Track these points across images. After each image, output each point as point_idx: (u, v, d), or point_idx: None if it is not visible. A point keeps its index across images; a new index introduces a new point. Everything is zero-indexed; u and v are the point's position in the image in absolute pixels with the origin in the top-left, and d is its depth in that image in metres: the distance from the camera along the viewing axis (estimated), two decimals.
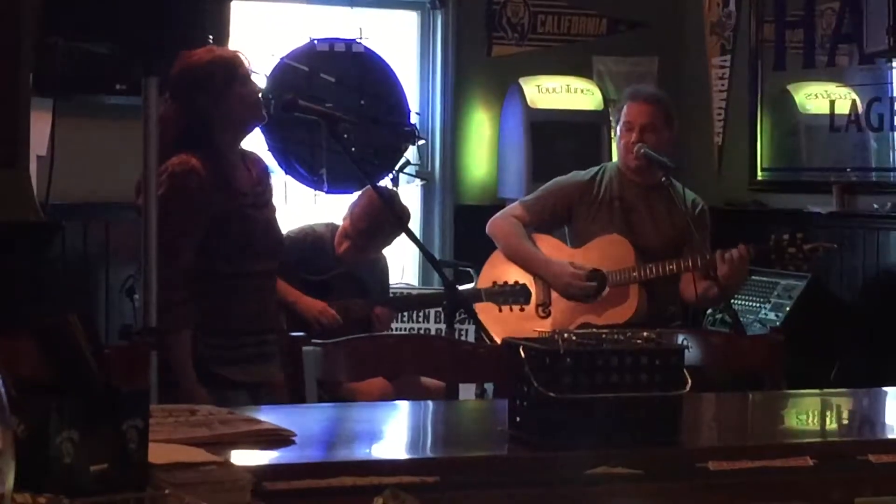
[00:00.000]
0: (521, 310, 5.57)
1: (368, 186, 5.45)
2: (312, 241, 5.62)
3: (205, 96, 4.28)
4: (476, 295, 5.49)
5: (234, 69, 4.35)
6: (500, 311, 5.51)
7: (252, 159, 4.54)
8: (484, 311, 5.33)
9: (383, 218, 5.37)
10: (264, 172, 4.56)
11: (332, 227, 5.71)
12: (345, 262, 5.66)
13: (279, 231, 4.60)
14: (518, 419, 2.59)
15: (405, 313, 5.95)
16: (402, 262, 7.35)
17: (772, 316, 6.64)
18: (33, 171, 4.90)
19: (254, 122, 4.47)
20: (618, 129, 5.67)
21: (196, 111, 4.24)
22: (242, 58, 4.42)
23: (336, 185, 6.68)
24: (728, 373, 4.39)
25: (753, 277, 6.75)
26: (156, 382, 3.83)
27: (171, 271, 4.13)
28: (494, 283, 5.61)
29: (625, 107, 5.67)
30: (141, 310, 4.10)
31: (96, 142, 6.33)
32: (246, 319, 4.34)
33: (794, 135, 7.43)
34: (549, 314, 5.65)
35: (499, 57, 7.80)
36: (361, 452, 2.77)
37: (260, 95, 4.49)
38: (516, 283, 5.59)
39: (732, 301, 5.99)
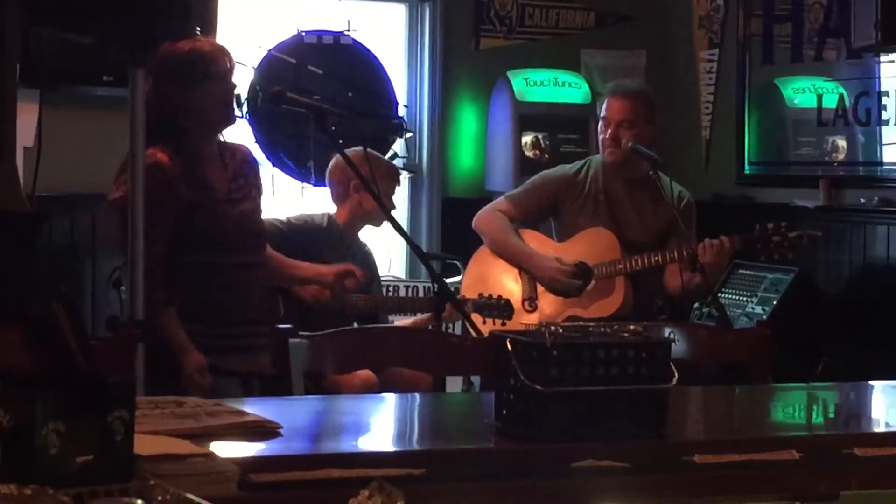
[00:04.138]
0: (503, 324, 5.55)
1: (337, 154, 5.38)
2: (311, 230, 5.62)
3: (176, 88, 4.28)
4: (464, 305, 5.47)
5: (209, 64, 4.34)
6: (485, 322, 5.48)
7: (234, 152, 4.52)
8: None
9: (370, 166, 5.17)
10: (247, 165, 4.54)
11: (329, 217, 5.71)
12: (347, 240, 5.65)
13: (258, 225, 4.57)
14: (505, 412, 2.59)
15: (398, 313, 5.94)
16: (389, 255, 7.34)
17: (759, 310, 6.65)
18: (20, 163, 4.88)
19: (223, 122, 4.45)
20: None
21: (167, 102, 4.24)
22: (222, 54, 4.40)
23: (323, 177, 6.67)
24: (715, 366, 4.40)
25: (740, 271, 6.76)
26: (142, 374, 3.83)
27: (145, 259, 4.13)
28: (480, 294, 5.61)
29: (604, 102, 5.69)
30: (127, 301, 4.09)
31: (83, 133, 6.32)
32: (226, 310, 4.35)
33: (781, 129, 7.43)
34: (535, 308, 5.66)
35: (487, 50, 7.79)
36: (348, 445, 2.77)
37: (235, 94, 4.47)
38: (500, 297, 5.58)
39: (719, 294, 6.00)
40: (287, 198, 6.97)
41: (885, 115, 6.71)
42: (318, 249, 5.57)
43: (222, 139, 4.51)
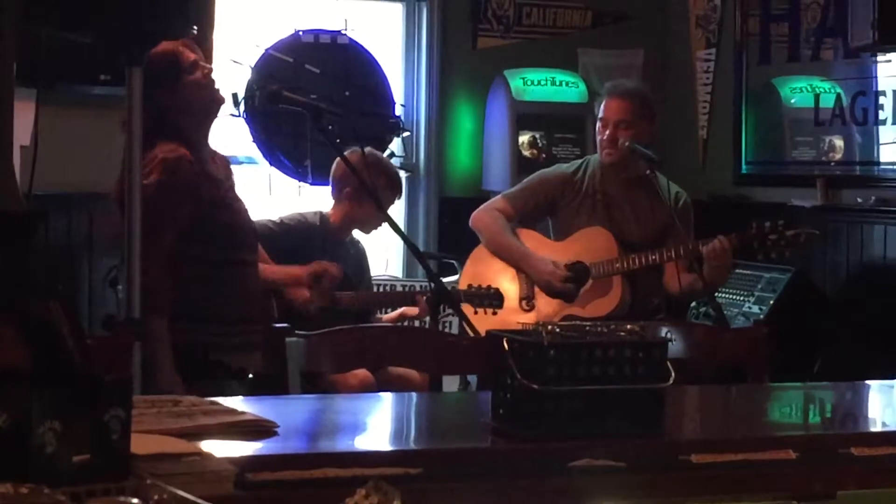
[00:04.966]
0: (494, 313, 5.55)
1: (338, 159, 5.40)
2: (304, 229, 5.63)
3: (160, 91, 4.30)
4: (456, 295, 5.47)
5: (177, 61, 4.38)
6: (476, 313, 5.49)
7: (219, 158, 4.59)
8: (466, 307, 5.33)
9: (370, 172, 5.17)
10: (228, 168, 4.61)
11: (322, 215, 5.72)
12: (340, 238, 5.67)
13: (253, 223, 4.64)
14: (501, 411, 2.59)
15: (389, 308, 5.95)
16: (387, 255, 7.34)
17: (755, 309, 6.65)
18: (17, 161, 4.88)
19: (214, 105, 4.47)
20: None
21: (157, 106, 4.25)
22: (184, 46, 4.42)
23: (320, 176, 6.66)
24: (712, 366, 4.40)
25: (737, 271, 6.75)
26: (139, 373, 3.82)
27: (152, 256, 4.13)
28: (470, 284, 5.62)
29: (602, 102, 5.69)
30: (124, 300, 4.09)
31: (80, 132, 6.31)
32: (231, 308, 4.36)
33: (778, 128, 7.44)
34: (532, 307, 5.66)
35: (484, 49, 7.80)
36: (345, 444, 2.77)
37: (212, 76, 4.48)
38: (490, 286, 5.59)
39: (716, 294, 6.01)
40: (284, 197, 6.97)
41: (881, 115, 6.71)
42: (310, 248, 5.58)
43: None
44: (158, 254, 4.16)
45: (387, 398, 4.02)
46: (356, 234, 5.86)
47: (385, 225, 4.48)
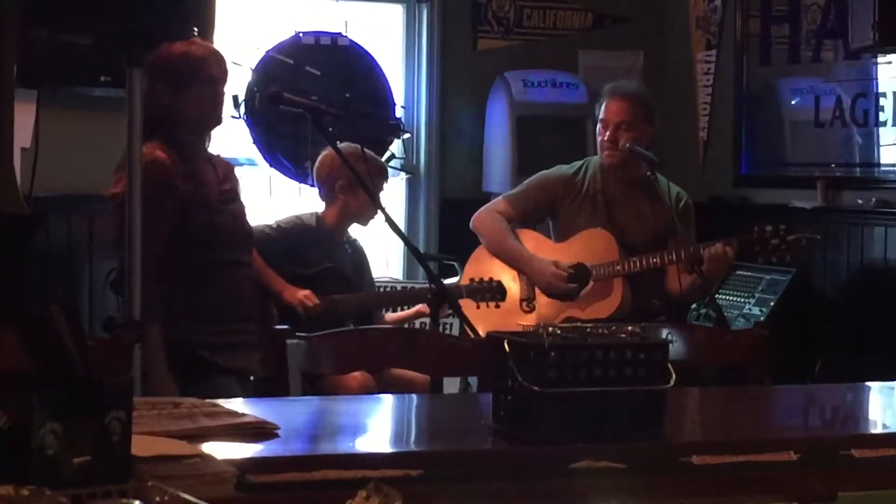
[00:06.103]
0: (497, 307, 5.56)
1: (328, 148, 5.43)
2: (301, 232, 5.63)
3: (167, 89, 4.31)
4: (457, 292, 5.48)
5: (199, 68, 4.38)
6: (479, 307, 5.49)
7: (218, 161, 4.59)
8: (468, 305, 5.33)
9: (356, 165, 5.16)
10: (231, 173, 4.62)
11: (318, 216, 5.72)
12: (337, 238, 5.67)
13: (248, 225, 4.65)
14: (502, 413, 2.59)
15: (390, 308, 5.95)
16: (387, 256, 7.34)
17: (756, 311, 6.65)
18: (17, 163, 4.88)
19: (210, 123, 4.48)
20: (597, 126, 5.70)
21: (158, 102, 4.25)
22: (215, 58, 4.42)
23: None
24: (712, 367, 4.40)
25: (738, 272, 6.76)
26: (139, 375, 3.82)
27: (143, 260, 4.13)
28: (472, 279, 5.62)
29: (602, 104, 5.68)
30: (125, 302, 4.09)
31: (80, 134, 6.32)
32: (220, 307, 4.38)
33: (778, 130, 7.43)
34: (533, 308, 5.66)
35: (484, 51, 7.79)
36: (345, 446, 2.77)
37: (226, 97, 4.49)
38: (491, 279, 5.58)
39: (717, 295, 6.00)
40: (284, 198, 6.97)
41: (882, 117, 6.71)
42: (307, 249, 5.58)
43: (208, 143, 4.56)
44: (146, 259, 4.15)
45: (387, 400, 4.02)
46: (354, 233, 5.85)
47: (385, 226, 4.47)
